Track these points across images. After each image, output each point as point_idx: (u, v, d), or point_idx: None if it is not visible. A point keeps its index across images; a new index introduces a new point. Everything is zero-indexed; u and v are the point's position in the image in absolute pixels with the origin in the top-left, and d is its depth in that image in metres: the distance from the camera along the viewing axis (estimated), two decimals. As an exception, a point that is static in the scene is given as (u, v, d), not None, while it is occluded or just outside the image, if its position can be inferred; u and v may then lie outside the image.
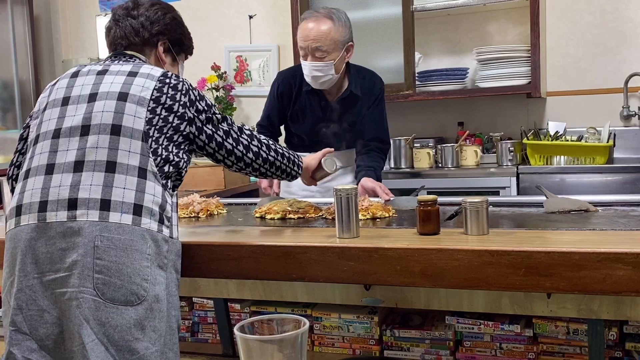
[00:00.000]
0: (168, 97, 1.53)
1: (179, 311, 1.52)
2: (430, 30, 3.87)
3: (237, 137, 1.66)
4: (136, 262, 1.40)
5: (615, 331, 1.63)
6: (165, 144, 1.51)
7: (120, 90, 1.52)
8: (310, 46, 2.42)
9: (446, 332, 1.80)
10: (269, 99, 2.72)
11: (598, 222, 1.65)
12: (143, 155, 1.47)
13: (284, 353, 0.75)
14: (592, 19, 3.60)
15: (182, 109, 1.54)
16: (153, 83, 1.53)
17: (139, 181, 1.45)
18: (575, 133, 3.42)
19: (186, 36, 1.84)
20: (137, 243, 1.41)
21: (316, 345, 1.93)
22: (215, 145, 1.62)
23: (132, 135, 1.47)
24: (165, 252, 1.47)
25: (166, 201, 1.50)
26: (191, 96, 1.57)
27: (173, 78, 1.57)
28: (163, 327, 1.43)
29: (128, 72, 1.56)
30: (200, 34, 4.48)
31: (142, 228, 1.43)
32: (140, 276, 1.40)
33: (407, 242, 1.48)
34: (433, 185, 3.34)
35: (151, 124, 1.50)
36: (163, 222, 1.48)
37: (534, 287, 1.36)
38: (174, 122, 1.53)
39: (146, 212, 1.44)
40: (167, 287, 1.46)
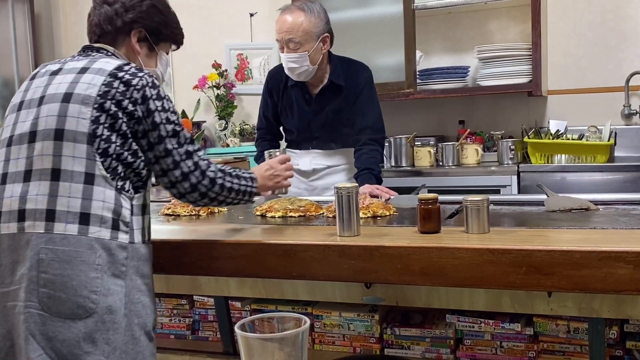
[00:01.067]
0: (118, 92, 1.43)
1: (149, 316, 1.48)
2: (431, 29, 3.87)
3: (179, 161, 1.50)
4: (82, 274, 1.36)
5: (616, 330, 1.62)
6: (119, 141, 1.43)
7: (65, 91, 1.44)
8: (283, 38, 2.48)
9: (447, 331, 1.80)
10: (262, 99, 2.77)
11: (599, 220, 1.65)
12: (89, 159, 1.40)
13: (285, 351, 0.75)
14: (593, 17, 3.59)
15: (131, 106, 1.44)
16: (102, 78, 1.44)
17: (85, 188, 1.39)
18: (576, 132, 3.42)
19: (167, 24, 1.68)
20: (84, 254, 1.37)
21: (317, 344, 1.93)
22: (153, 157, 1.48)
23: (76, 138, 1.40)
24: (122, 260, 1.42)
25: (121, 205, 1.43)
26: (146, 93, 1.45)
27: (129, 72, 1.46)
28: (119, 339, 1.39)
29: (80, 69, 1.48)
30: (201, 32, 4.48)
31: (89, 237, 1.38)
32: (87, 288, 1.36)
33: (407, 241, 1.48)
34: (434, 183, 3.34)
35: (98, 123, 1.41)
36: (118, 228, 1.42)
37: (534, 285, 1.36)
38: (124, 118, 1.44)
39: (95, 220, 1.39)
40: (127, 295, 1.42)
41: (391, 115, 3.71)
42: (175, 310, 2.13)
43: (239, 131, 4.23)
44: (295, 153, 2.75)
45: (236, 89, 4.36)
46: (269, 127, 2.77)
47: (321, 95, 2.61)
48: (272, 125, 2.76)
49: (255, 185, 1.70)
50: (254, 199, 1.74)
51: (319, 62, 2.54)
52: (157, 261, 1.68)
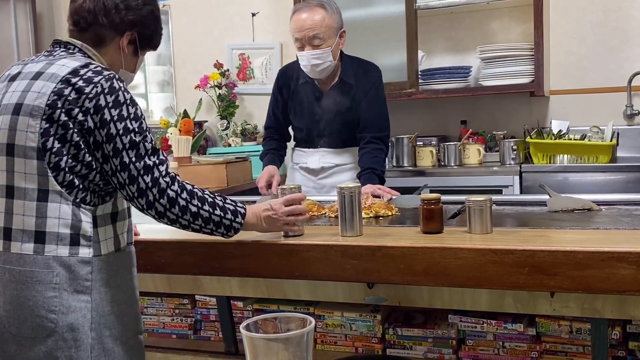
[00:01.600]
0: (67, 101, 1.34)
1: (122, 327, 1.44)
2: (433, 29, 3.87)
3: (136, 175, 1.39)
4: (38, 294, 1.32)
5: (619, 330, 1.62)
6: (71, 153, 1.35)
7: (16, 101, 1.36)
8: (306, 35, 2.47)
9: (449, 331, 1.79)
10: (272, 96, 2.76)
11: (601, 221, 1.65)
12: (40, 175, 1.34)
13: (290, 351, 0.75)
14: (595, 17, 3.59)
15: (82, 115, 1.34)
16: (52, 86, 1.35)
17: (39, 205, 1.34)
18: (578, 132, 3.41)
19: (157, 33, 1.62)
20: (40, 274, 1.33)
21: (319, 344, 1.93)
22: (110, 170, 1.38)
23: (26, 154, 1.34)
24: (85, 275, 1.37)
25: (80, 220, 1.37)
26: (100, 102, 1.35)
27: (84, 78, 1.36)
28: (83, 355, 1.36)
29: (34, 73, 1.39)
30: (202, 31, 4.49)
31: (45, 256, 1.33)
32: (44, 308, 1.32)
33: (410, 241, 1.48)
34: (436, 183, 3.34)
35: (48, 135, 1.33)
36: (78, 243, 1.36)
37: (537, 286, 1.36)
38: (75, 128, 1.34)
39: (51, 238, 1.34)
40: (95, 309, 1.38)
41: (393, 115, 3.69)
42: (177, 310, 2.13)
43: (240, 131, 4.23)
44: (304, 151, 2.76)
45: (238, 88, 4.35)
46: (277, 126, 2.77)
47: (331, 93, 2.61)
48: (280, 123, 2.76)
49: (240, 221, 1.54)
50: (235, 234, 1.57)
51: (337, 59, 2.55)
52: (158, 261, 1.68)
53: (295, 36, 2.51)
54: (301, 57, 2.52)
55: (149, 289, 1.96)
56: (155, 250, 1.71)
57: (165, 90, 4.71)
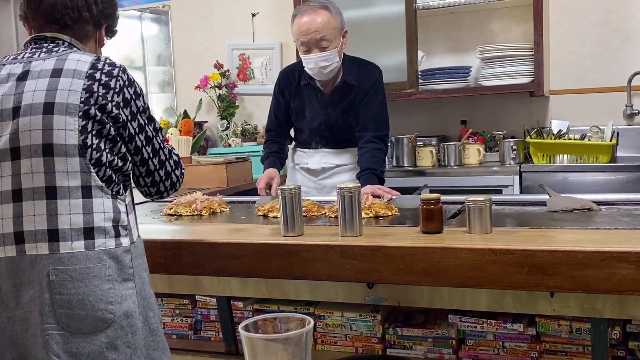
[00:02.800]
0: (100, 96, 1.37)
1: (157, 307, 1.51)
2: (433, 29, 3.87)
3: (164, 160, 1.55)
4: (97, 288, 1.35)
5: (619, 330, 1.62)
6: (108, 147, 1.40)
7: (44, 100, 1.35)
8: (313, 38, 2.46)
9: (449, 331, 1.80)
10: (273, 98, 2.76)
11: (601, 221, 1.65)
12: (83, 172, 1.36)
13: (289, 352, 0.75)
14: (595, 17, 3.59)
15: (115, 109, 1.40)
16: (81, 82, 1.37)
17: (85, 202, 1.36)
18: (578, 132, 3.42)
19: (117, 20, 1.64)
20: (95, 268, 1.35)
21: (319, 344, 1.93)
22: (139, 160, 1.49)
23: (67, 152, 1.35)
24: (129, 263, 1.42)
25: (119, 211, 1.42)
26: (126, 95, 1.42)
27: (104, 72, 1.40)
28: (139, 339, 1.41)
29: (51, 71, 1.39)
30: (203, 32, 4.49)
31: (96, 251, 1.36)
32: (104, 301, 1.35)
33: (410, 241, 1.48)
34: (436, 183, 3.34)
35: (86, 131, 1.36)
36: (119, 234, 1.41)
37: (537, 286, 1.36)
38: (109, 122, 1.39)
39: (99, 233, 1.37)
40: (139, 294, 1.43)
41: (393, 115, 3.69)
42: (177, 310, 2.13)
43: (240, 131, 4.23)
44: (305, 152, 2.76)
45: (238, 89, 4.36)
46: (279, 128, 2.77)
47: (334, 94, 2.61)
48: (282, 125, 2.76)
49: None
50: None
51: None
52: (159, 261, 1.68)
53: (301, 40, 2.49)
54: (308, 61, 2.49)
55: (149, 289, 1.96)
56: (155, 250, 1.71)
57: (165, 90, 4.72)
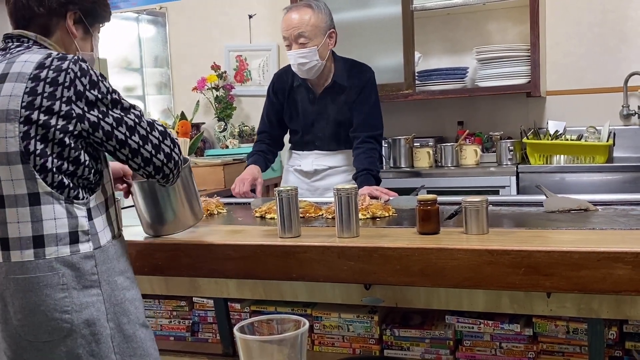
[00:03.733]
0: (44, 98, 1.30)
1: (137, 311, 1.45)
2: (430, 30, 3.87)
3: (146, 135, 1.42)
4: (48, 297, 1.32)
5: (615, 330, 1.63)
6: (55, 152, 1.32)
7: None
8: (292, 34, 2.51)
9: (446, 332, 1.80)
10: (266, 100, 2.78)
11: (598, 221, 1.65)
12: (28, 179, 1.31)
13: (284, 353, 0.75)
14: (592, 17, 3.59)
15: (65, 106, 1.31)
16: (22, 86, 1.30)
17: (33, 210, 1.32)
18: (575, 132, 3.42)
19: (99, 3, 1.54)
20: (45, 277, 1.32)
21: (316, 345, 1.93)
22: (117, 143, 1.39)
23: (9, 160, 1.30)
24: (91, 269, 1.37)
25: (76, 216, 1.36)
26: (78, 87, 1.32)
27: (52, 69, 1.32)
28: (105, 347, 1.37)
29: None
30: (200, 33, 4.49)
31: (47, 259, 1.32)
32: (57, 310, 1.32)
33: (407, 242, 1.48)
34: (433, 184, 3.34)
35: (29, 137, 1.30)
36: (77, 240, 1.35)
37: (533, 286, 1.36)
38: (59, 124, 1.31)
39: (50, 240, 1.33)
40: (107, 300, 1.39)
41: (390, 116, 3.70)
42: (174, 312, 2.13)
43: (238, 132, 4.23)
44: (299, 154, 2.78)
45: (235, 90, 4.36)
46: (271, 130, 2.78)
47: (325, 95, 2.63)
48: (274, 127, 2.77)
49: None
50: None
51: (326, 59, 2.57)
52: (156, 262, 1.68)
53: (283, 35, 2.56)
54: (289, 57, 2.55)
55: (146, 291, 1.96)
56: (152, 252, 1.71)
57: (162, 92, 4.71)
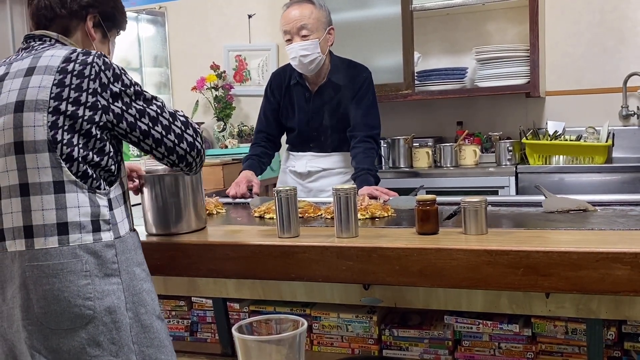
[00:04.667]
0: (72, 89, 1.36)
1: (153, 302, 1.47)
2: (429, 30, 3.87)
3: (169, 125, 1.48)
4: (72, 284, 1.34)
5: (614, 331, 1.63)
6: (81, 142, 1.38)
7: (16, 99, 1.37)
8: (294, 27, 2.52)
9: (445, 332, 1.80)
10: (264, 99, 2.79)
11: (597, 221, 1.65)
12: (54, 167, 1.35)
13: (282, 353, 0.75)
14: (591, 18, 3.60)
15: (92, 97, 1.37)
16: (51, 78, 1.37)
17: (57, 197, 1.35)
18: (574, 132, 3.42)
19: (119, 10, 1.64)
20: (69, 264, 1.34)
21: (315, 345, 1.93)
22: (140, 134, 1.45)
23: (36, 149, 1.35)
24: (112, 258, 1.40)
25: (98, 205, 1.40)
26: (102, 79, 1.39)
27: (78, 62, 1.39)
28: (125, 335, 1.39)
29: (26, 70, 1.40)
30: (199, 33, 4.49)
31: (71, 246, 1.35)
32: (80, 297, 1.34)
33: (406, 242, 1.48)
34: (432, 184, 3.34)
35: (56, 127, 1.35)
36: (99, 228, 1.39)
37: (532, 286, 1.36)
38: (86, 114, 1.37)
39: (74, 228, 1.36)
40: (126, 290, 1.41)
41: (389, 117, 3.71)
42: (173, 311, 2.13)
43: (237, 132, 4.23)
44: (294, 155, 2.79)
45: (234, 90, 4.36)
46: (268, 129, 2.77)
47: (320, 93, 2.63)
48: (272, 126, 2.76)
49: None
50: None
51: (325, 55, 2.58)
52: (155, 262, 1.68)
53: (284, 29, 2.56)
54: (290, 50, 2.55)
55: (145, 290, 1.96)
56: (151, 252, 1.71)
57: (161, 91, 4.71)
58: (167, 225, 1.78)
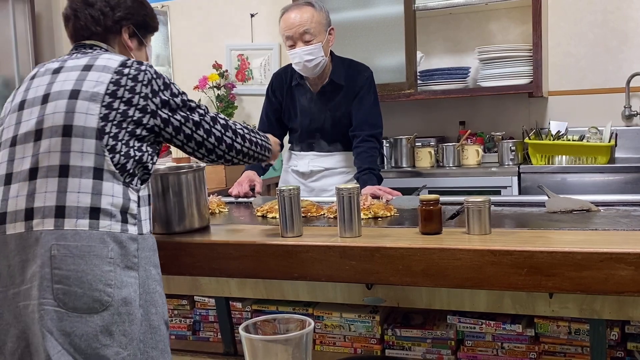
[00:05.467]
0: (126, 90, 1.45)
1: (163, 306, 1.49)
2: (432, 30, 3.87)
3: (209, 129, 1.60)
4: (96, 267, 1.36)
5: (617, 331, 1.63)
6: (125, 139, 1.45)
7: (72, 88, 1.44)
8: (297, 32, 2.51)
9: (448, 332, 1.80)
10: (265, 100, 2.79)
11: (600, 222, 1.65)
12: (98, 154, 1.41)
13: (289, 353, 0.75)
14: (594, 18, 3.59)
15: (143, 101, 1.47)
16: (108, 76, 1.45)
17: (95, 183, 1.40)
18: (576, 132, 3.42)
19: (150, 16, 1.72)
20: (96, 248, 1.37)
21: (317, 345, 1.93)
22: (184, 138, 1.56)
23: (85, 134, 1.41)
24: (134, 251, 1.43)
25: (129, 199, 1.44)
26: (154, 86, 1.49)
27: (133, 68, 1.49)
28: (135, 330, 1.40)
29: (83, 66, 1.49)
30: (201, 32, 4.49)
31: (100, 231, 1.38)
32: (102, 282, 1.36)
33: (408, 242, 1.48)
34: (434, 184, 3.34)
35: (107, 120, 1.42)
36: (127, 221, 1.43)
37: (536, 287, 1.36)
38: (135, 115, 1.46)
39: (105, 215, 1.40)
40: (141, 286, 1.43)
41: (392, 116, 3.71)
42: (176, 310, 2.13)
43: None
44: (296, 154, 2.79)
45: (237, 89, 4.36)
46: (270, 130, 2.76)
47: (322, 94, 2.63)
48: (274, 127, 2.76)
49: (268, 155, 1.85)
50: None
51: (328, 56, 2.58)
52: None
53: (285, 34, 2.54)
54: (293, 55, 2.54)
55: (148, 289, 1.96)
56: (154, 251, 1.71)
57: (164, 90, 4.71)
58: (169, 225, 1.78)
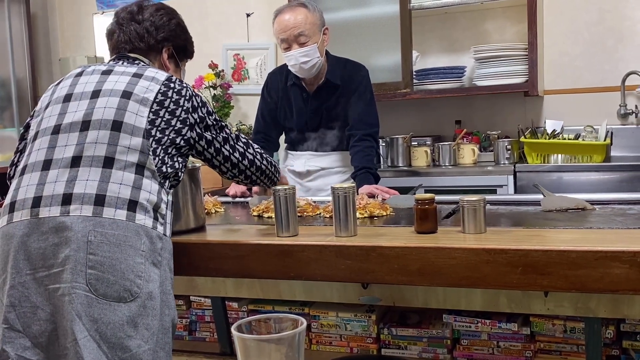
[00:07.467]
0: (172, 102, 1.54)
1: (174, 310, 1.51)
2: (427, 29, 3.87)
3: (234, 144, 1.70)
4: (130, 258, 1.39)
5: (612, 329, 1.63)
6: (166, 144, 1.52)
7: (124, 88, 1.52)
8: (292, 34, 2.50)
9: (443, 331, 1.80)
10: (261, 100, 2.79)
11: (595, 220, 1.65)
12: (143, 152, 1.47)
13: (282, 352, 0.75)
14: (589, 17, 3.60)
15: (184, 114, 1.56)
16: (157, 86, 1.54)
17: (136, 178, 1.46)
18: (572, 131, 3.43)
19: (189, 42, 1.85)
20: (131, 239, 1.40)
21: (314, 344, 1.93)
22: (214, 151, 1.65)
23: (133, 132, 1.48)
24: (159, 250, 1.46)
25: (161, 199, 1.50)
26: (194, 102, 1.59)
27: (177, 83, 1.58)
28: (156, 325, 1.42)
29: (133, 73, 1.57)
30: (197, 32, 4.45)
31: (136, 224, 1.42)
32: (134, 272, 1.39)
33: (404, 241, 1.48)
34: (430, 183, 3.34)
35: (153, 125, 1.50)
36: (157, 219, 1.48)
37: (531, 285, 1.36)
38: (177, 125, 1.54)
39: (140, 209, 1.44)
40: (161, 285, 1.45)
41: (388, 115, 3.71)
42: (172, 310, 2.13)
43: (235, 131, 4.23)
44: (292, 154, 2.79)
45: (233, 89, 4.35)
46: (266, 130, 2.77)
47: (318, 94, 2.63)
48: (269, 127, 2.76)
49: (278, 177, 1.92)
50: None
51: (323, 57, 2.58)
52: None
53: (280, 37, 2.54)
54: (289, 58, 2.54)
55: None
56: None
57: (160, 90, 4.71)
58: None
